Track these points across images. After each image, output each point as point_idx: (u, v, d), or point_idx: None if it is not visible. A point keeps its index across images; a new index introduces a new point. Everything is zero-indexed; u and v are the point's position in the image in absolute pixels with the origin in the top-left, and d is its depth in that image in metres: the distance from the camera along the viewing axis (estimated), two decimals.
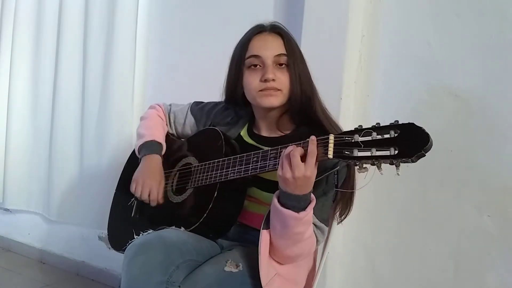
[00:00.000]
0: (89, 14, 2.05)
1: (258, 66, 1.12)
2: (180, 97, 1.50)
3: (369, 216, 1.48)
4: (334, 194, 1.09)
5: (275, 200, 0.97)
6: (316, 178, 0.93)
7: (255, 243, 1.16)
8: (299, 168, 0.89)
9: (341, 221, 1.19)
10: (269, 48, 1.12)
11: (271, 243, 1.03)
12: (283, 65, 1.12)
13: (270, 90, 1.11)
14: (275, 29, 1.16)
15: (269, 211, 1.01)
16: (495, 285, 1.30)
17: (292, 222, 0.95)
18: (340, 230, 1.50)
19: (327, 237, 1.27)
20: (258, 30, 1.16)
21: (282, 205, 0.95)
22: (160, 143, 1.30)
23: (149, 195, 1.20)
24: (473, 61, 1.32)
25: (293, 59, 1.12)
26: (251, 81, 1.13)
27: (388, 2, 1.44)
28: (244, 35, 1.18)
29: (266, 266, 1.01)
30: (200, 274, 1.00)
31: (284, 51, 1.12)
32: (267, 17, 1.65)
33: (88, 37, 2.05)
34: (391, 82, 1.44)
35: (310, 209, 0.96)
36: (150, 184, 1.20)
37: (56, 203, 2.21)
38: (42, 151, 2.27)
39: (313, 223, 1.04)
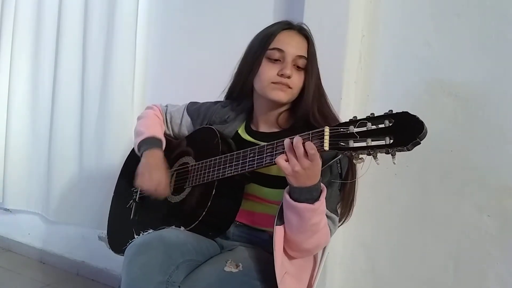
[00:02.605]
0: (89, 15, 2.04)
1: (278, 60, 1.13)
2: (180, 98, 1.50)
3: (369, 216, 1.48)
4: (339, 184, 1.10)
5: (287, 197, 0.97)
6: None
7: (256, 243, 1.17)
8: (305, 158, 0.89)
9: (345, 221, 1.19)
10: (294, 46, 1.13)
11: (286, 239, 1.03)
12: (300, 68, 1.14)
13: (283, 85, 1.12)
14: (303, 31, 1.17)
15: (280, 208, 1.01)
16: (495, 285, 1.31)
17: (309, 215, 0.95)
18: (340, 230, 1.49)
19: None
20: (287, 26, 1.17)
21: (295, 200, 0.95)
22: (160, 139, 1.29)
23: (156, 189, 1.18)
24: (473, 61, 1.32)
25: (311, 66, 1.14)
26: (267, 70, 1.13)
27: (388, 2, 1.44)
28: (270, 27, 1.18)
29: (280, 263, 1.01)
30: (200, 274, 1.00)
31: (306, 54, 1.14)
32: (267, 17, 1.66)
33: (87, 38, 2.05)
34: (391, 82, 1.44)
35: (323, 198, 0.96)
36: (158, 176, 1.18)
37: (55, 203, 2.21)
38: (41, 151, 2.27)
39: None
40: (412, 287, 1.43)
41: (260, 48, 1.15)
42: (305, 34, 1.17)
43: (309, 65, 1.14)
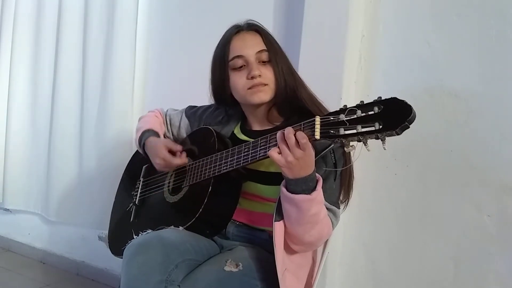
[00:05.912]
0: (89, 14, 2.05)
1: (242, 66, 1.14)
2: (180, 98, 1.50)
3: (369, 215, 1.48)
4: (335, 175, 1.09)
5: (284, 190, 0.97)
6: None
7: (256, 243, 1.17)
8: (297, 148, 0.90)
9: (346, 205, 1.19)
10: (250, 46, 1.14)
11: (287, 233, 1.02)
12: (265, 62, 1.15)
13: (258, 86, 1.13)
14: (252, 27, 1.19)
15: (278, 203, 1.01)
16: (495, 285, 1.30)
17: (307, 205, 0.95)
18: (340, 230, 1.50)
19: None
20: (235, 30, 1.18)
21: (292, 192, 0.95)
22: (157, 132, 1.33)
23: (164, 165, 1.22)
24: (473, 61, 1.32)
25: (274, 54, 1.15)
26: (238, 80, 1.15)
27: (388, 2, 1.44)
28: (222, 37, 1.20)
29: (281, 259, 1.01)
30: (200, 274, 1.01)
31: (264, 47, 1.15)
32: (267, 17, 1.66)
33: (87, 37, 2.06)
34: (391, 82, 1.44)
35: (319, 187, 0.97)
36: (156, 157, 1.22)
37: (55, 204, 2.22)
38: (41, 151, 2.28)
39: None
40: (412, 287, 1.43)
41: (222, 63, 1.17)
42: (254, 29, 1.18)
43: (271, 55, 1.15)
